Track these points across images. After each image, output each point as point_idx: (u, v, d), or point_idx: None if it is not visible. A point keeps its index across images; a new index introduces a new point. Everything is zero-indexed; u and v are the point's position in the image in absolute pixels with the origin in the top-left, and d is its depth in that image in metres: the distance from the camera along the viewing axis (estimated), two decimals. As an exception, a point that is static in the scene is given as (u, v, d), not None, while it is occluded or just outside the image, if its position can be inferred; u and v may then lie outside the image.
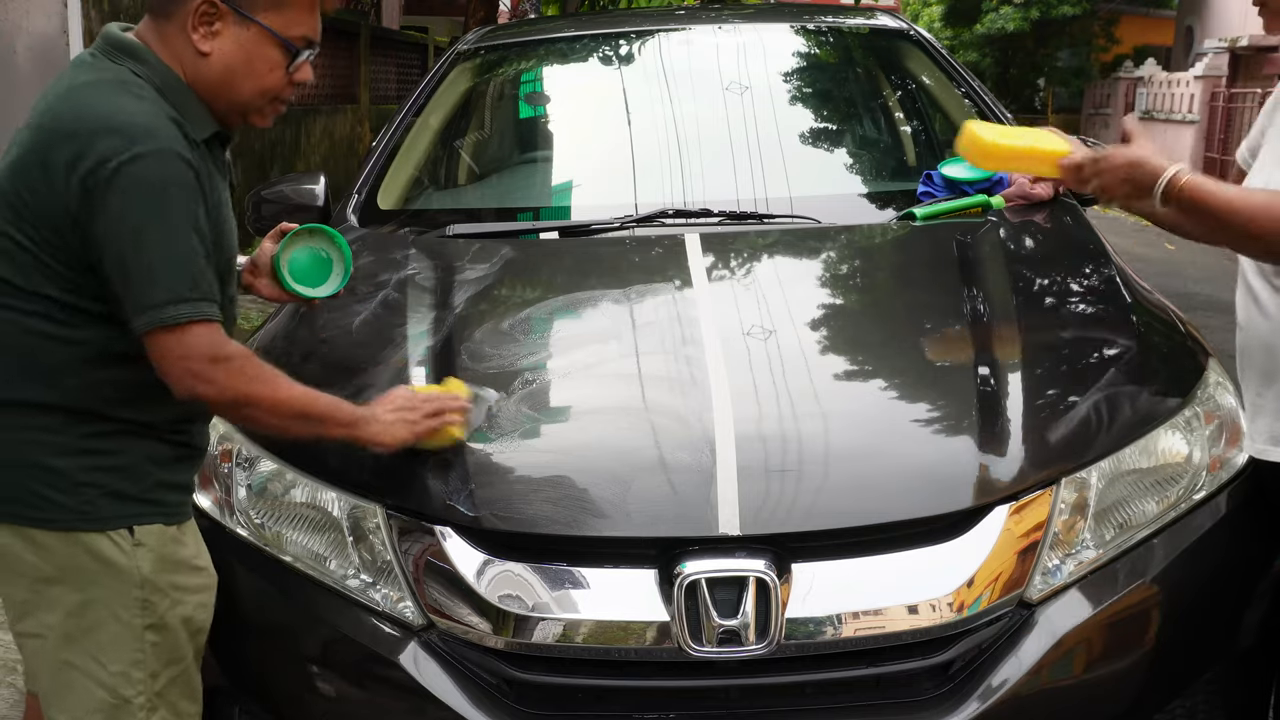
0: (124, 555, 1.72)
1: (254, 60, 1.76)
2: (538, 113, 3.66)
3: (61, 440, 1.68)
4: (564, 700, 1.88)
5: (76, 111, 1.65)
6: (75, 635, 1.72)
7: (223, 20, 1.73)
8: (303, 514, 2.02)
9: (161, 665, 1.77)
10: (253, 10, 1.74)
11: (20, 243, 1.65)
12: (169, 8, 1.74)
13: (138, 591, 1.72)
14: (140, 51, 1.73)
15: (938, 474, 1.93)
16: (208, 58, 1.74)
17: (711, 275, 2.53)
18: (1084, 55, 24.78)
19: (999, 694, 1.82)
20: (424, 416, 1.91)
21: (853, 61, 3.81)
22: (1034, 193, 2.92)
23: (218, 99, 1.77)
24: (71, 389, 1.68)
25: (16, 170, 1.67)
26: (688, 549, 1.82)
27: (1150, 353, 2.29)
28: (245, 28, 1.74)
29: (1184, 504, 2.02)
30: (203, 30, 1.73)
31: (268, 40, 1.76)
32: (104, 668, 1.73)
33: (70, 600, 1.71)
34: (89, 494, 1.69)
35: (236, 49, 1.75)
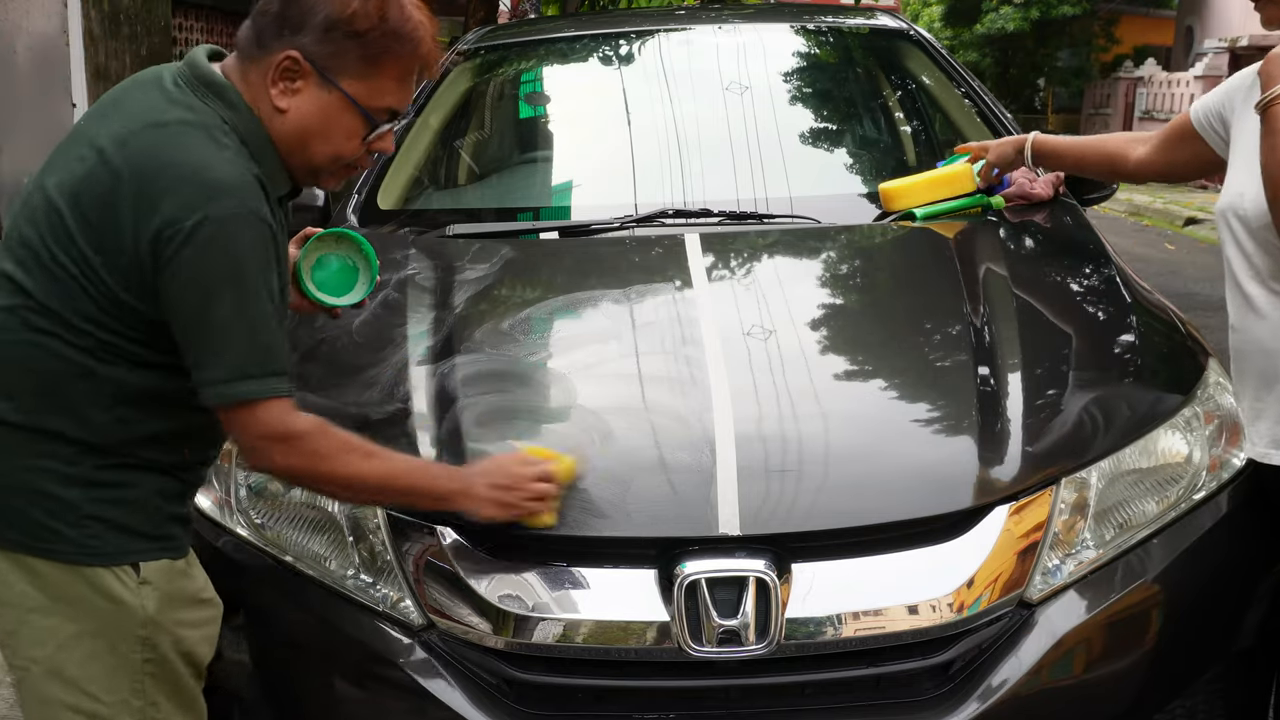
0: (129, 593, 1.62)
1: (331, 126, 1.64)
2: (538, 113, 3.66)
3: (74, 471, 1.58)
4: (564, 700, 1.88)
5: (158, 155, 1.53)
6: (64, 669, 1.62)
7: (305, 79, 1.61)
8: (303, 514, 2.02)
9: (163, 697, 1.68)
10: (338, 76, 1.62)
11: (65, 266, 1.55)
12: (253, 52, 1.63)
13: (140, 630, 1.63)
14: (229, 94, 1.62)
15: (938, 474, 1.93)
16: (284, 114, 1.63)
17: (711, 275, 2.53)
18: (1084, 55, 24.77)
19: (999, 694, 1.82)
20: (524, 499, 1.79)
21: (853, 61, 3.81)
22: (1034, 193, 2.92)
23: (291, 156, 1.66)
24: (97, 425, 1.59)
25: (76, 193, 1.55)
26: (688, 549, 1.82)
27: (1150, 353, 2.29)
28: (327, 91, 1.62)
29: (1184, 504, 2.01)
30: (282, 85, 1.62)
31: (349, 108, 1.64)
32: (97, 700, 1.63)
33: (64, 632, 1.61)
34: (94, 528, 1.59)
35: (315, 111, 1.63)
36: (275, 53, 1.60)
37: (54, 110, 6.81)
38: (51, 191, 1.57)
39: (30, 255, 1.56)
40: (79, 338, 1.56)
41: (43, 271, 1.55)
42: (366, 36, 1.60)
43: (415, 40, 1.64)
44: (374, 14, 1.60)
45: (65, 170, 1.58)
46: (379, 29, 1.61)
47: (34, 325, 1.56)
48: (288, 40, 1.60)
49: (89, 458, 1.59)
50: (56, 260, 1.55)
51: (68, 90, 6.88)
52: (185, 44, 8.24)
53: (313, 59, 1.60)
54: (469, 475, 1.79)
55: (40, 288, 1.56)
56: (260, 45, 1.62)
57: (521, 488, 1.79)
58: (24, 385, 1.57)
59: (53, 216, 1.56)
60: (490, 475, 1.79)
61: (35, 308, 1.56)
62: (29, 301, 1.56)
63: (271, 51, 1.61)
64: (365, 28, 1.60)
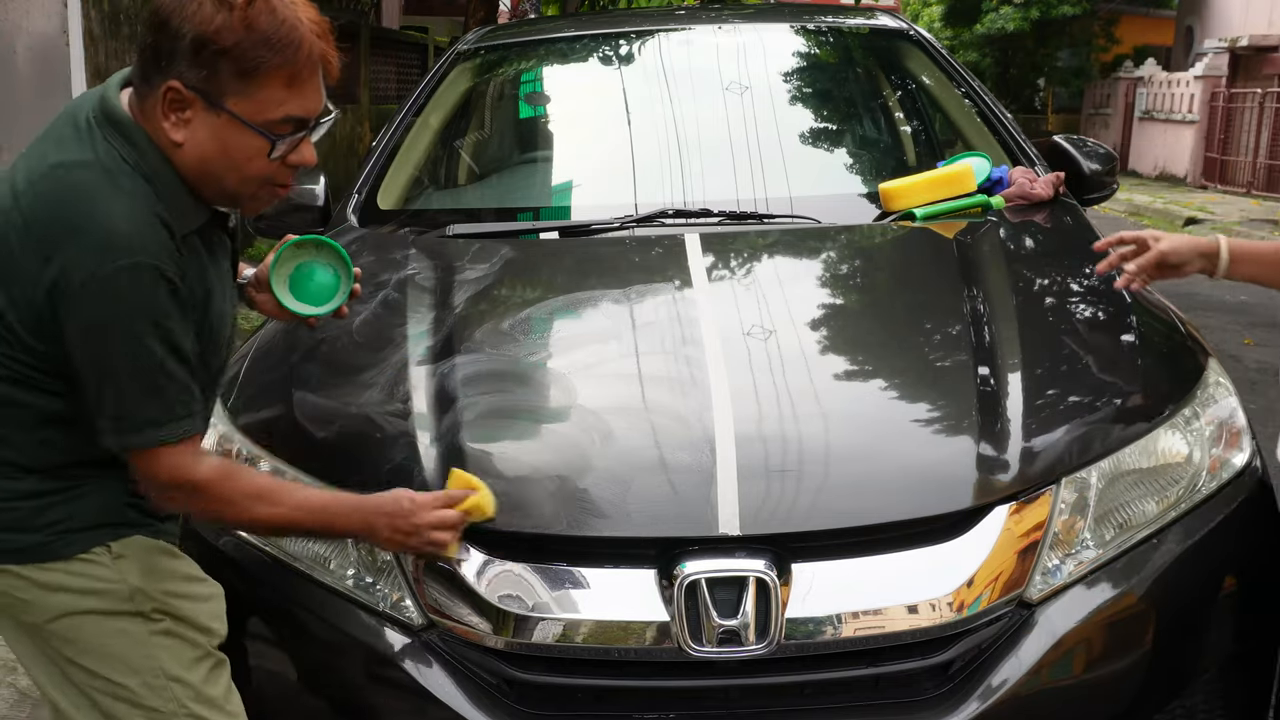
0: (107, 570, 1.64)
1: (230, 150, 1.56)
2: (538, 113, 3.66)
3: (17, 486, 1.61)
4: (564, 700, 1.88)
5: (54, 203, 1.51)
6: (78, 658, 1.65)
7: (192, 107, 1.54)
8: (303, 514, 2.01)
9: (184, 668, 1.69)
10: (222, 97, 1.53)
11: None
12: (142, 88, 1.57)
13: (127, 604, 1.65)
14: (132, 131, 1.56)
15: (938, 474, 1.93)
16: (181, 147, 1.56)
17: (711, 275, 2.53)
18: (1084, 55, 24.76)
19: (999, 694, 1.82)
20: (423, 544, 1.78)
21: (853, 61, 3.81)
22: (1034, 193, 2.92)
23: (203, 188, 1.60)
24: (25, 448, 1.60)
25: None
26: (688, 549, 1.82)
27: (1150, 353, 2.29)
28: (215, 115, 1.54)
29: (1184, 504, 2.01)
30: (173, 118, 1.55)
31: (242, 128, 1.55)
32: (119, 683, 1.65)
33: (61, 625, 1.64)
34: (51, 530, 1.62)
35: (210, 138, 1.55)
36: (158, 86, 1.54)
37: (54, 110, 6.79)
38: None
39: None
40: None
41: None
42: (236, 50, 1.51)
43: (291, 43, 1.53)
44: (238, 26, 1.51)
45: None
46: (247, 40, 1.51)
47: None
48: (166, 71, 1.53)
49: (29, 477, 1.61)
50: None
51: (68, 90, 6.88)
52: (185, 44, 8.23)
53: (192, 85, 1.53)
54: (373, 516, 1.76)
55: None
56: (145, 80, 1.56)
57: (420, 534, 1.77)
58: None
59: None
60: (391, 518, 1.76)
61: None
62: None
63: (155, 85, 1.54)
64: (232, 42, 1.51)
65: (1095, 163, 3.16)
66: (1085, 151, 3.19)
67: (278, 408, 2.16)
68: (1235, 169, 17.28)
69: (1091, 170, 3.14)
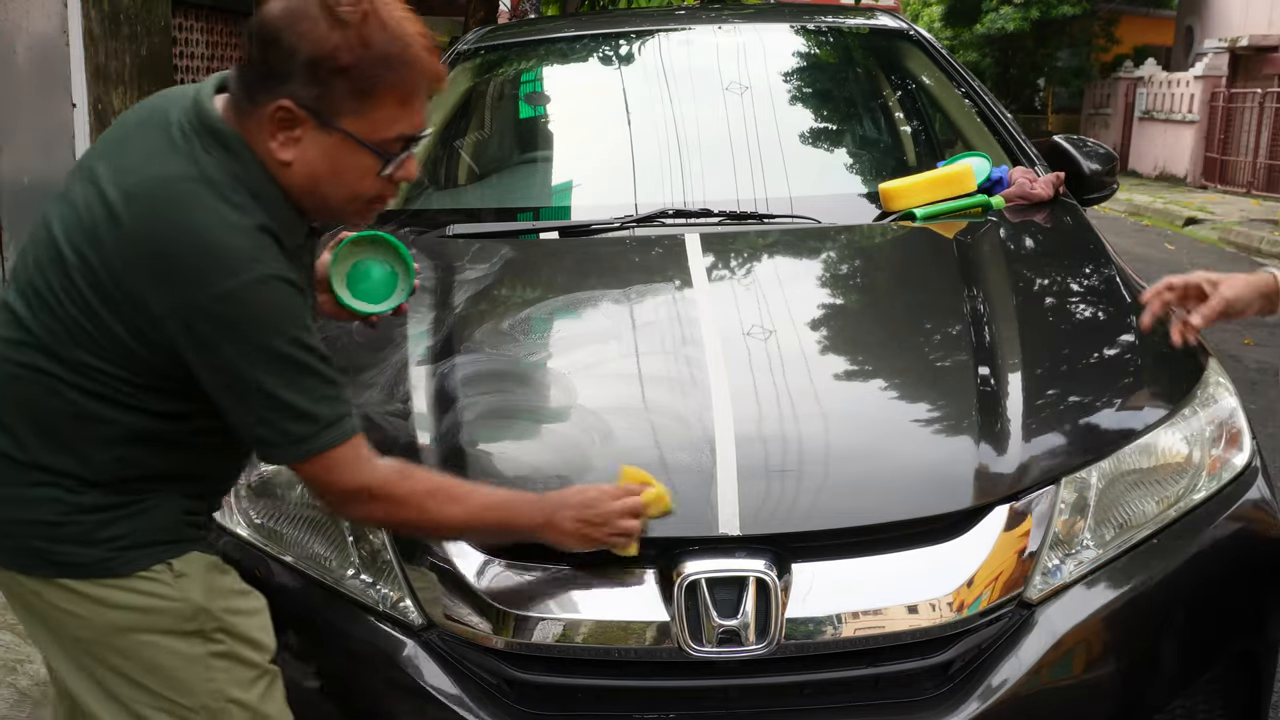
0: (169, 589, 1.59)
1: (341, 168, 1.53)
2: (538, 113, 3.66)
3: (80, 500, 1.55)
4: (564, 700, 1.88)
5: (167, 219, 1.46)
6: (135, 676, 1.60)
7: (303, 126, 1.50)
8: (303, 514, 2.01)
9: (241, 689, 1.64)
10: (336, 116, 1.49)
11: (69, 311, 1.50)
12: (245, 105, 1.52)
13: (189, 623, 1.60)
14: (235, 145, 1.51)
15: (938, 474, 1.93)
16: (289, 166, 1.52)
17: (711, 275, 2.53)
18: (1084, 55, 24.76)
19: (999, 694, 1.82)
20: (609, 535, 1.75)
21: (853, 61, 3.81)
22: (1034, 193, 2.92)
23: (305, 203, 1.56)
24: (97, 464, 1.55)
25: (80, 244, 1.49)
26: (688, 549, 1.82)
27: (1150, 353, 2.29)
28: (328, 134, 1.50)
29: (1184, 504, 2.01)
30: (281, 136, 1.50)
31: (355, 147, 1.51)
32: (178, 704, 1.61)
33: (119, 643, 1.59)
34: (110, 547, 1.56)
35: (321, 157, 1.51)
36: (266, 105, 1.49)
37: (54, 110, 6.81)
38: (57, 232, 1.53)
39: (35, 294, 1.53)
40: (80, 380, 1.52)
41: (47, 313, 1.52)
42: (353, 70, 1.47)
43: (408, 61, 1.50)
44: (356, 44, 1.47)
45: (70, 213, 1.52)
46: (365, 59, 1.47)
47: (34, 365, 1.53)
48: (275, 89, 1.49)
49: (92, 490, 1.56)
50: (61, 304, 1.50)
51: (68, 90, 6.88)
52: (185, 44, 8.24)
53: (305, 104, 1.48)
54: (556, 507, 1.74)
55: (43, 327, 1.52)
56: (250, 98, 1.51)
57: (609, 524, 1.75)
58: (23, 422, 1.54)
59: (58, 260, 1.51)
60: (578, 509, 1.74)
61: (36, 346, 1.53)
62: (30, 338, 1.53)
63: (262, 104, 1.50)
64: (350, 61, 1.47)
65: (1095, 163, 3.16)
66: (1085, 151, 3.19)
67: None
68: (1235, 169, 17.28)
69: (1091, 170, 3.14)
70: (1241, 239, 11.58)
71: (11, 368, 1.55)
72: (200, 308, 1.45)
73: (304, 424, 1.52)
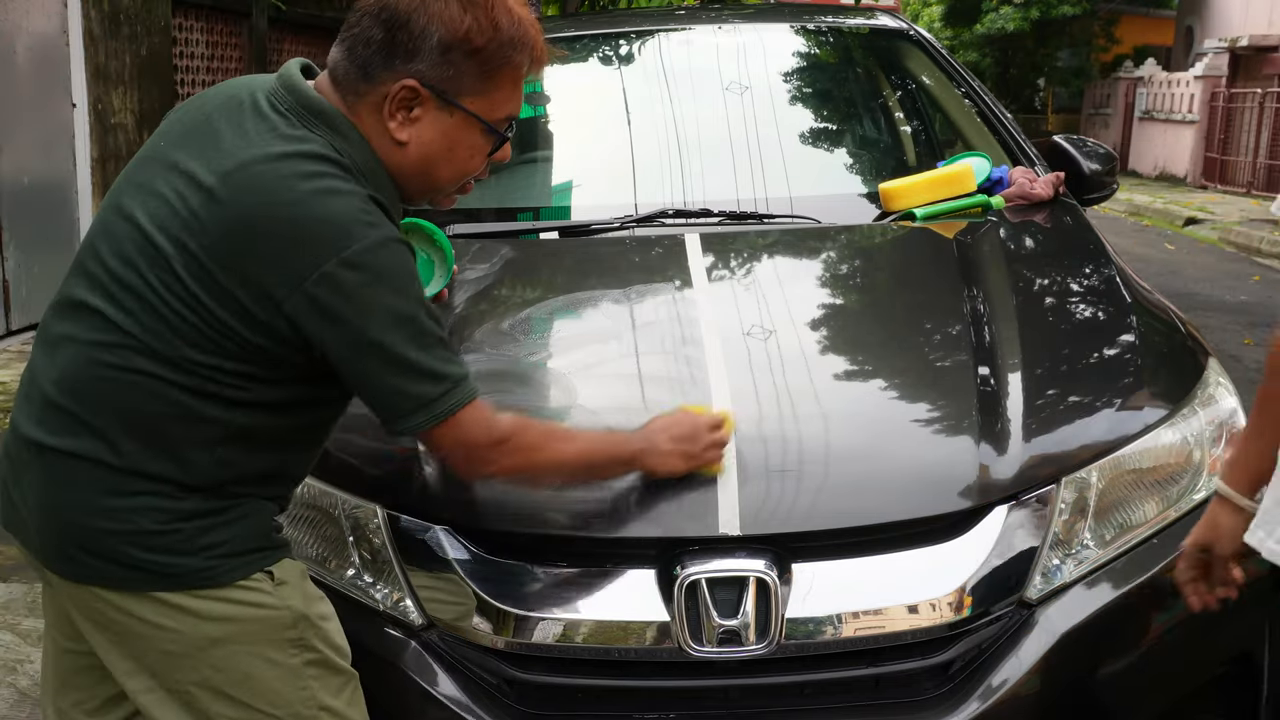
0: (270, 597, 1.57)
1: (456, 147, 1.58)
2: (538, 113, 3.66)
3: (179, 506, 1.51)
4: (564, 700, 1.88)
5: (282, 195, 1.45)
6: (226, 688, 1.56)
7: (423, 106, 1.54)
8: (303, 514, 2.02)
9: (331, 695, 1.63)
10: (458, 95, 1.54)
11: (173, 306, 1.46)
12: (359, 85, 1.54)
13: (289, 631, 1.58)
14: (338, 122, 1.53)
15: (938, 474, 1.93)
16: (404, 146, 1.55)
17: (711, 275, 2.53)
18: (1084, 55, 24.78)
19: (999, 694, 1.82)
20: (704, 449, 1.83)
21: (853, 61, 3.81)
22: (1034, 193, 2.92)
23: (409, 183, 1.59)
24: (199, 467, 1.52)
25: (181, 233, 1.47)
26: (688, 549, 1.82)
27: (1150, 353, 2.29)
28: (448, 113, 1.55)
29: (1184, 504, 2.01)
30: (400, 116, 1.54)
31: (473, 126, 1.57)
32: (268, 714, 1.58)
33: (214, 655, 1.55)
34: (211, 554, 1.53)
35: (438, 136, 1.56)
36: (387, 83, 1.52)
37: (54, 110, 6.82)
38: (145, 225, 1.49)
39: (126, 292, 1.48)
40: (183, 378, 1.48)
41: (146, 311, 1.48)
42: (484, 51, 1.53)
43: (529, 43, 1.59)
44: (488, 27, 1.53)
45: (158, 202, 1.49)
46: (495, 40, 1.54)
47: (134, 366, 1.48)
48: (400, 69, 1.52)
49: (192, 496, 1.53)
50: (163, 299, 1.47)
51: (68, 90, 6.89)
52: (185, 44, 8.24)
53: (430, 84, 1.53)
54: (651, 433, 1.82)
55: (141, 327, 1.48)
56: (367, 77, 1.53)
57: (701, 437, 1.83)
58: (122, 427, 1.49)
59: (152, 253, 1.48)
60: (670, 429, 1.82)
61: (136, 347, 1.48)
62: (128, 340, 1.48)
63: (381, 82, 1.52)
64: (482, 43, 1.53)
65: (1095, 163, 3.16)
66: (1085, 151, 3.19)
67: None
68: (1235, 169, 17.28)
69: (1091, 170, 3.14)
70: (1241, 239, 11.58)
71: (105, 371, 1.49)
72: (326, 275, 1.44)
73: (437, 384, 1.52)
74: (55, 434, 1.51)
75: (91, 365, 1.50)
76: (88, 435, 1.50)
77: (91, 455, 1.49)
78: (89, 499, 1.50)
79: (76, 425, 1.50)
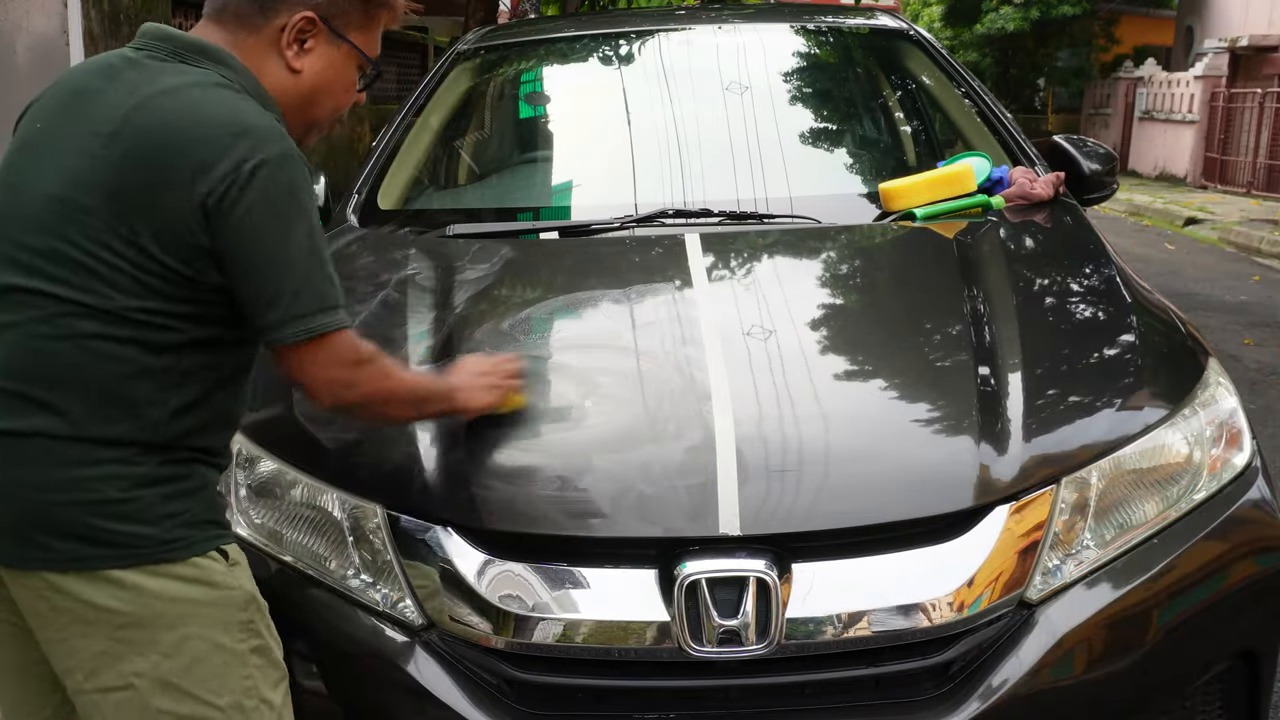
0: (224, 576, 1.59)
1: (338, 80, 1.72)
2: (538, 113, 3.66)
3: (139, 472, 1.54)
4: (564, 700, 1.88)
5: (187, 116, 1.52)
6: (172, 677, 1.57)
7: (316, 38, 1.68)
8: (303, 514, 2.02)
9: (270, 688, 1.65)
10: (346, 29, 1.69)
11: (104, 259, 1.50)
12: (254, 20, 1.65)
13: (241, 614, 1.61)
14: (222, 55, 1.62)
15: (938, 474, 1.93)
16: (298, 75, 1.67)
17: (711, 275, 2.53)
18: (1084, 55, 24.77)
19: (999, 694, 1.82)
20: (504, 378, 1.96)
21: (853, 61, 3.81)
22: (1034, 193, 2.92)
23: (294, 117, 1.69)
24: (154, 422, 1.55)
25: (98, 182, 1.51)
26: (688, 549, 1.82)
27: (1150, 353, 2.29)
28: (336, 46, 1.69)
29: (1184, 504, 2.01)
30: (295, 48, 1.66)
31: (353, 59, 1.73)
32: (212, 705, 1.58)
33: (165, 640, 1.56)
34: (172, 523, 1.55)
35: (326, 67, 1.70)
36: (284, 15, 1.65)
37: (54, 110, 6.82)
38: (58, 190, 1.53)
39: (52, 262, 1.51)
40: (122, 330, 1.52)
41: (76, 270, 1.51)
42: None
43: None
44: None
45: (62, 168, 1.54)
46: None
47: (76, 331, 1.51)
48: (297, 3, 1.65)
49: (151, 456, 1.55)
50: (89, 253, 1.50)
51: (68, 90, 6.88)
52: (185, 44, 8.24)
53: (325, 17, 1.67)
54: (457, 374, 1.95)
55: (74, 289, 1.51)
56: (264, 11, 1.65)
57: (498, 369, 1.97)
58: (73, 396, 1.51)
59: (71, 212, 1.51)
60: (471, 367, 1.97)
61: (74, 312, 1.51)
62: (64, 308, 1.51)
63: (278, 15, 1.65)
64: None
65: (1095, 163, 3.16)
66: (1085, 151, 3.20)
67: (278, 408, 2.16)
68: (1235, 169, 17.28)
69: (1091, 170, 3.14)
70: (1241, 239, 11.58)
71: (49, 344, 1.51)
72: (240, 178, 1.50)
73: (328, 295, 1.59)
74: (6, 418, 1.52)
75: (34, 340, 1.52)
76: (39, 412, 1.51)
77: (46, 430, 1.51)
78: (46, 474, 1.51)
79: (26, 405, 1.52)
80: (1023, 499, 1.90)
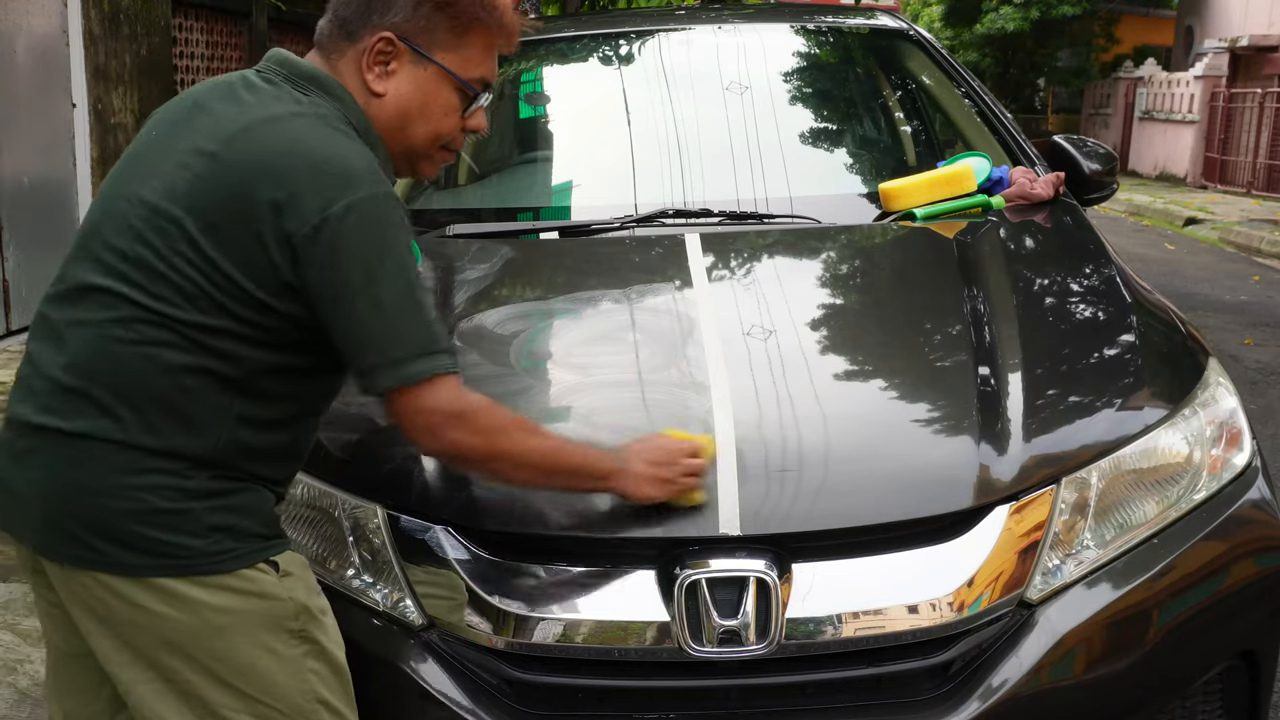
0: (273, 587, 1.58)
1: (429, 102, 1.66)
2: (538, 113, 3.66)
3: (190, 485, 1.52)
4: (564, 700, 1.88)
5: (283, 148, 1.51)
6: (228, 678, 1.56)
7: (399, 59, 1.64)
8: (303, 514, 2.02)
9: (329, 690, 1.64)
10: (431, 49, 1.64)
11: (186, 274, 1.50)
12: (341, 44, 1.64)
13: (293, 623, 1.59)
14: (331, 85, 1.62)
15: (938, 474, 1.93)
16: (382, 99, 1.64)
17: (712, 275, 2.53)
18: (1084, 55, 24.78)
19: (999, 694, 1.82)
20: (680, 475, 1.80)
21: (853, 61, 3.81)
22: (1034, 193, 2.92)
23: (391, 145, 1.67)
24: (211, 440, 1.53)
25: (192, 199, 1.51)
26: (688, 549, 1.82)
27: (1150, 353, 2.29)
28: (422, 68, 1.65)
29: (1184, 504, 2.01)
30: (378, 70, 1.64)
31: (446, 81, 1.66)
32: (269, 706, 1.58)
33: (216, 646, 1.55)
34: (220, 535, 1.54)
35: (413, 89, 1.65)
36: (366, 38, 1.63)
37: (54, 110, 6.81)
38: (153, 200, 1.53)
39: (136, 268, 1.52)
40: (193, 345, 1.51)
41: (156, 280, 1.51)
42: (454, 6, 1.64)
43: (499, 7, 1.67)
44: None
45: (163, 179, 1.54)
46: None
47: (147, 338, 1.51)
48: (377, 23, 1.63)
49: (202, 471, 1.54)
50: (172, 265, 1.50)
51: (68, 90, 6.88)
52: (185, 44, 8.24)
53: (405, 36, 1.63)
54: (626, 454, 1.78)
55: (152, 297, 1.51)
56: (348, 35, 1.64)
57: (677, 463, 1.80)
58: (136, 403, 1.51)
59: (162, 223, 1.51)
60: (646, 453, 1.79)
61: (148, 319, 1.51)
62: (140, 313, 1.51)
63: (360, 38, 1.63)
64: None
65: (1095, 163, 3.16)
66: (1085, 151, 3.20)
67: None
68: (1235, 169, 17.29)
69: (1091, 170, 3.14)
70: (1241, 239, 11.58)
71: (119, 347, 1.51)
72: (331, 220, 1.48)
73: (427, 340, 1.54)
74: (67, 417, 1.52)
75: (105, 342, 1.52)
76: (101, 414, 1.51)
77: (104, 435, 1.51)
78: (101, 478, 1.51)
79: (89, 406, 1.51)
80: (1023, 499, 1.90)
